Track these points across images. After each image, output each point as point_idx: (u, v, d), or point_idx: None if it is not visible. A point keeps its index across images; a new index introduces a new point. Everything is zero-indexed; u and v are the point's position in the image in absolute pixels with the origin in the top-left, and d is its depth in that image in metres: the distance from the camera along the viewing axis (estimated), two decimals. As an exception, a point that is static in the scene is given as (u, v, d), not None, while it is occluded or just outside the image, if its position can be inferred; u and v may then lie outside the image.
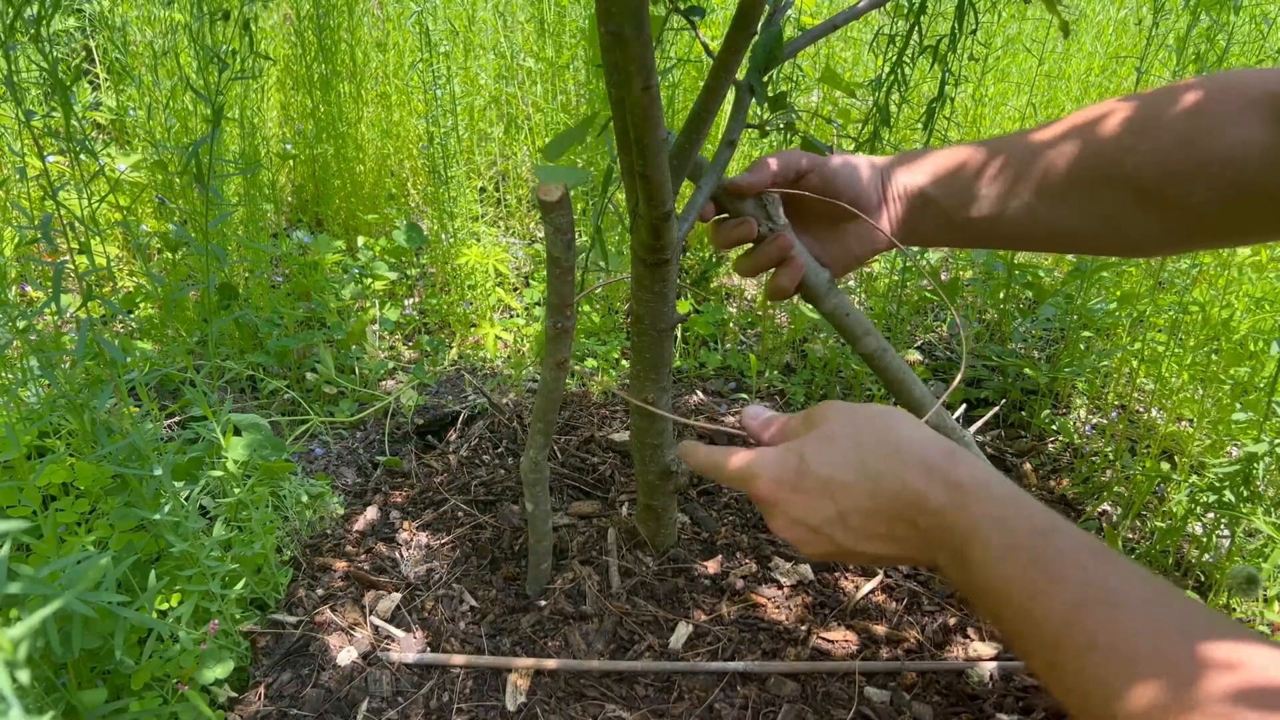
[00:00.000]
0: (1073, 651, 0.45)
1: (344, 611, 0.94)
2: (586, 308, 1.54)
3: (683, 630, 0.90)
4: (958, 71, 1.28)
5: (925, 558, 0.56)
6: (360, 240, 1.64)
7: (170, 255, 1.47)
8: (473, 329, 1.57)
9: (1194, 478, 1.06)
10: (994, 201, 0.74)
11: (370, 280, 1.56)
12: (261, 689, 0.85)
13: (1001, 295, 1.47)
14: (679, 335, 1.50)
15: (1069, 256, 1.51)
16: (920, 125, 1.10)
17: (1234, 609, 0.98)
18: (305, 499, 1.05)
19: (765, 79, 0.69)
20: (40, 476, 0.87)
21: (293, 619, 0.92)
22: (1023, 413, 1.35)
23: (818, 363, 1.46)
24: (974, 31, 1.04)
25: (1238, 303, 1.15)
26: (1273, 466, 1.04)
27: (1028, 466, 1.22)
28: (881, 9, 1.64)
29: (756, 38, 0.65)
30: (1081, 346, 1.37)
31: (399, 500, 1.13)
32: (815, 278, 0.78)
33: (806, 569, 0.98)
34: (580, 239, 1.70)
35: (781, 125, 0.74)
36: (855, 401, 0.67)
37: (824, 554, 0.60)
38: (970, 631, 0.92)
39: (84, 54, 2.04)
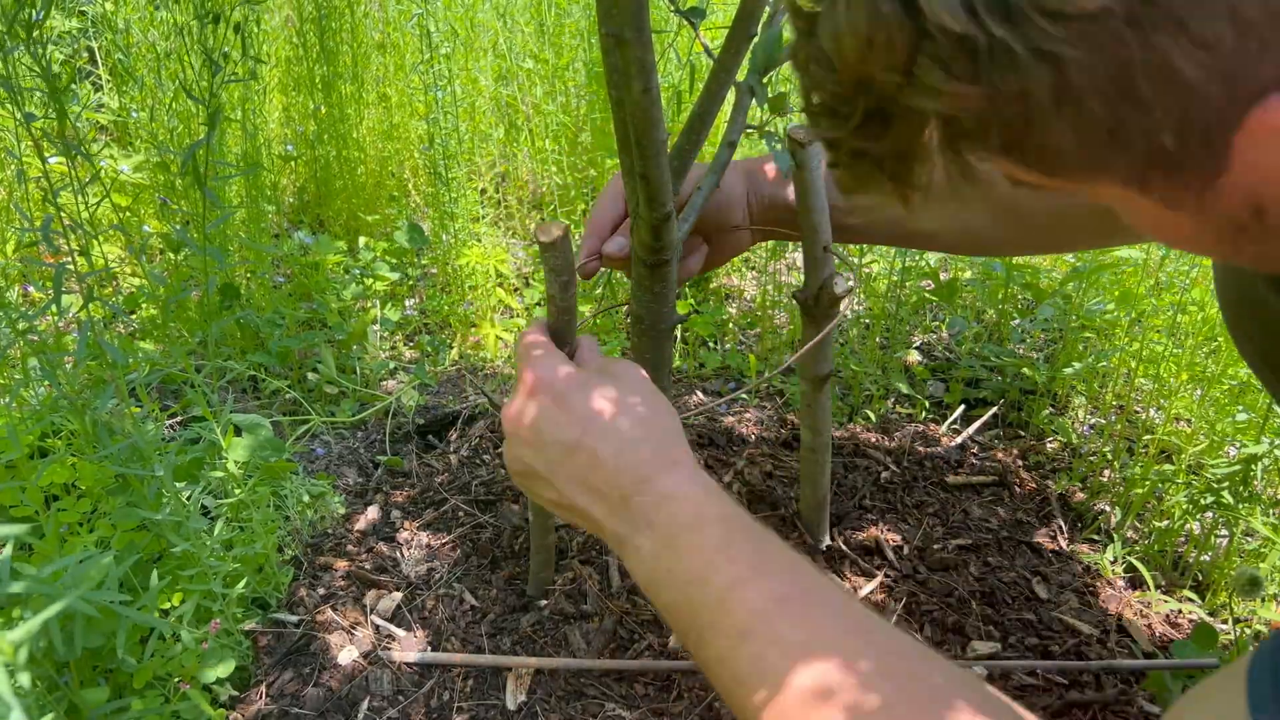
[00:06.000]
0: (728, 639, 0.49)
1: (345, 611, 0.94)
2: (584, 307, 1.55)
3: (682, 629, 0.90)
4: (957, 73, 1.28)
5: (612, 528, 0.56)
6: (361, 241, 1.64)
7: (172, 256, 1.48)
8: (473, 329, 1.57)
9: (1192, 478, 1.06)
10: (865, 210, 0.82)
11: (371, 281, 1.57)
12: (263, 688, 0.85)
13: (1000, 296, 1.48)
14: (678, 335, 1.51)
15: (1068, 257, 1.51)
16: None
17: (1235, 609, 0.98)
18: (306, 498, 1.06)
19: (765, 80, 0.69)
20: (42, 476, 0.87)
21: (294, 618, 0.93)
22: (1021, 413, 1.35)
23: (817, 363, 1.46)
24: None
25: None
26: (1271, 467, 1.04)
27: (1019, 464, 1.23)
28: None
29: (756, 39, 0.66)
30: (1080, 347, 1.37)
31: (400, 500, 1.13)
32: None
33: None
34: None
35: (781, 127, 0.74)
36: (855, 400, 0.69)
37: (528, 473, 0.60)
38: (967, 630, 0.92)
39: (86, 55, 2.05)
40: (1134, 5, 0.32)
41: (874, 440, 1.26)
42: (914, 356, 1.49)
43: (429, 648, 0.90)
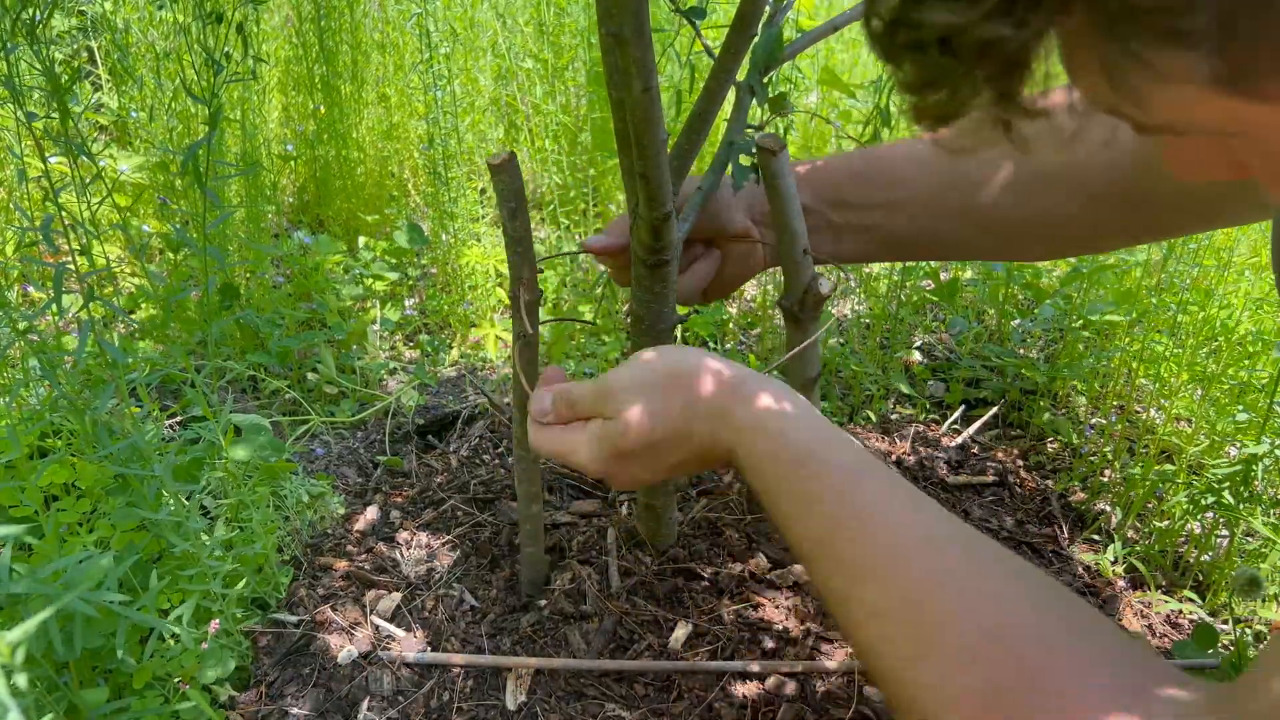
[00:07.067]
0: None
1: (345, 611, 0.94)
2: (584, 307, 1.55)
3: (682, 630, 0.90)
4: (957, 73, 1.28)
5: (722, 458, 0.63)
6: (361, 241, 1.64)
7: (172, 256, 1.48)
8: (473, 329, 1.57)
9: (1193, 478, 1.06)
10: (867, 214, 0.84)
11: (371, 281, 1.57)
12: (262, 688, 0.85)
13: (1000, 296, 1.48)
14: (679, 335, 1.50)
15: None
16: (919, 126, 1.10)
17: (1235, 609, 0.98)
18: (306, 499, 1.06)
19: (765, 80, 0.69)
20: (42, 476, 0.87)
21: (294, 618, 0.93)
22: (1021, 413, 1.35)
23: (817, 363, 1.46)
24: (973, 33, 1.04)
25: (1237, 303, 1.16)
26: (1271, 467, 1.04)
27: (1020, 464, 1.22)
28: (881, 10, 1.64)
29: (757, 39, 0.66)
30: (1080, 347, 1.37)
31: (399, 500, 1.13)
32: None
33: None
34: (574, 229, 1.71)
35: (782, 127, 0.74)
36: (855, 400, 0.69)
37: (648, 483, 0.73)
38: (969, 631, 0.92)
39: (86, 55, 2.05)
40: None
41: (874, 440, 1.26)
42: (914, 356, 1.49)
43: (429, 648, 0.90)
